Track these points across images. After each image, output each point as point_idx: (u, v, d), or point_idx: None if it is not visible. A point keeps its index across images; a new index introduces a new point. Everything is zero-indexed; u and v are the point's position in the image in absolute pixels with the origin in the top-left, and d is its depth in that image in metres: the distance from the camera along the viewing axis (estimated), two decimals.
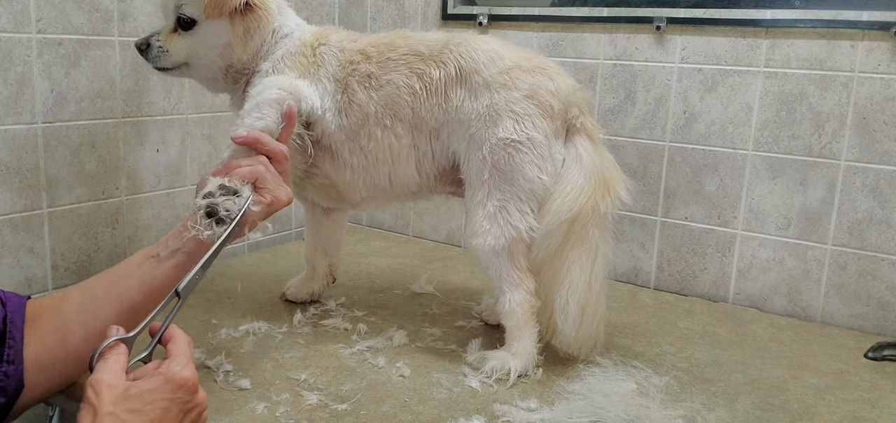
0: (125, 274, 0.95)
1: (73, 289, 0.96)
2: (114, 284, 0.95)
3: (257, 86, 1.13)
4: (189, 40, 1.15)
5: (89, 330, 0.92)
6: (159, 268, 0.95)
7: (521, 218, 1.08)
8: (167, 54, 1.15)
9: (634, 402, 1.00)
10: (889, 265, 1.37)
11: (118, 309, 0.93)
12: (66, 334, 0.91)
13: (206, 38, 1.15)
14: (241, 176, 0.99)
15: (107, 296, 0.94)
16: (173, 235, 0.97)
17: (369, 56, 1.15)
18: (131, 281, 0.94)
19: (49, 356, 0.91)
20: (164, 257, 0.95)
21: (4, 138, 1.24)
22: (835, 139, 1.38)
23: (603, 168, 1.11)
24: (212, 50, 1.16)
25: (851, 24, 1.33)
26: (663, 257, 1.58)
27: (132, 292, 0.94)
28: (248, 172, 1.00)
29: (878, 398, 1.10)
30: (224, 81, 1.20)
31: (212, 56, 1.16)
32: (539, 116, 1.08)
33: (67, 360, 0.92)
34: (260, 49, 1.18)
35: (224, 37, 1.15)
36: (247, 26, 1.15)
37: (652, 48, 1.52)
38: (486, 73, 1.09)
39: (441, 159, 1.16)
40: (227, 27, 1.14)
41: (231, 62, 1.17)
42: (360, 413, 0.98)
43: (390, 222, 1.97)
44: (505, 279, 1.10)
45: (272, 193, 1.01)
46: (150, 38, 1.16)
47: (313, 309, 1.34)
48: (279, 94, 1.09)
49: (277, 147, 1.06)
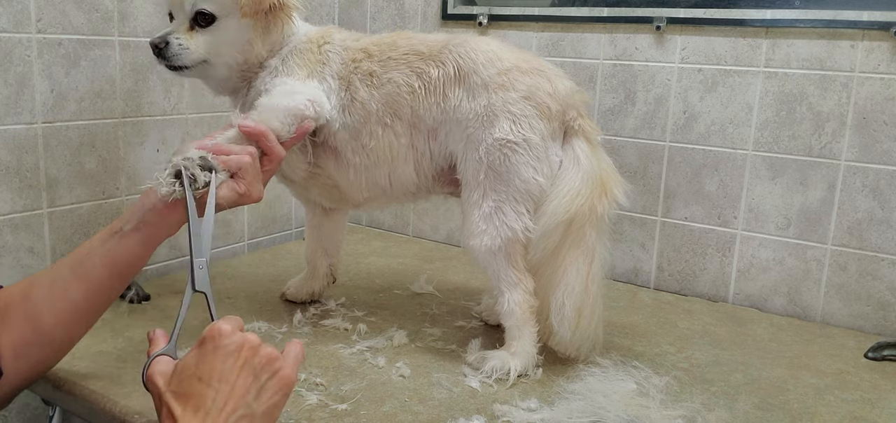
0: (90, 253, 0.95)
1: (41, 274, 0.96)
2: (79, 263, 0.95)
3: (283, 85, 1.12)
4: (209, 37, 1.13)
5: (59, 312, 0.93)
6: (123, 244, 0.95)
7: (517, 219, 1.08)
8: (188, 52, 1.11)
9: (634, 402, 1.00)
10: (889, 265, 1.37)
11: (86, 289, 0.94)
12: (37, 319, 0.92)
13: (229, 34, 1.13)
14: (225, 163, 0.99)
15: (73, 276, 0.94)
16: (135, 207, 0.97)
17: (371, 54, 1.15)
18: (96, 260, 0.94)
19: (23, 343, 0.91)
20: (127, 231, 0.95)
21: (4, 138, 1.24)
22: (835, 139, 1.38)
23: (600, 170, 1.11)
24: (233, 46, 1.14)
25: (851, 24, 1.33)
26: (663, 257, 1.58)
27: (98, 271, 0.94)
28: (234, 161, 0.99)
29: (878, 398, 1.10)
30: (238, 78, 1.19)
31: (232, 52, 1.15)
32: (536, 117, 1.08)
33: (42, 344, 0.93)
34: (274, 46, 1.18)
35: (247, 33, 1.14)
36: (268, 24, 1.16)
37: (652, 48, 1.52)
38: (484, 73, 1.09)
39: (439, 159, 1.16)
40: (250, 24, 1.13)
41: (249, 58, 1.17)
42: (360, 413, 0.98)
43: (390, 222, 1.97)
44: (503, 279, 1.10)
45: (249, 185, 1.00)
46: (168, 36, 1.11)
47: (313, 309, 1.34)
48: (307, 107, 1.09)
49: (278, 151, 1.06)
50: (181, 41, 1.11)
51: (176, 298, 1.37)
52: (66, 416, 1.12)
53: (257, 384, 0.75)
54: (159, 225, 0.96)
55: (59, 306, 0.93)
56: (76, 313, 0.95)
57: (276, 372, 0.77)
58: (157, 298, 1.37)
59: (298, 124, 1.08)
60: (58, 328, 0.94)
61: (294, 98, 1.09)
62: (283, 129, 1.07)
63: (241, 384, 0.74)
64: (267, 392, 0.75)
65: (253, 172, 1.01)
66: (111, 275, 0.95)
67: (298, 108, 1.08)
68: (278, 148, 1.06)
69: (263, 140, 1.04)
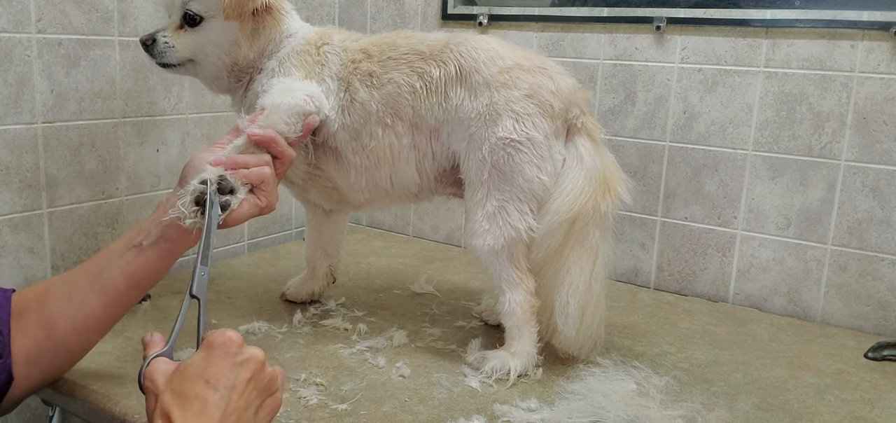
0: (108, 264, 0.94)
1: (56, 281, 0.95)
2: (98, 275, 0.94)
3: (280, 84, 1.12)
4: (196, 37, 1.14)
5: (75, 322, 0.92)
6: (142, 256, 0.94)
7: (521, 218, 1.08)
8: (173, 50, 1.14)
9: (634, 402, 1.00)
10: (889, 265, 1.37)
11: (104, 301, 0.94)
12: (52, 326, 0.92)
13: (214, 34, 1.14)
14: (245, 178, 0.99)
15: (91, 287, 0.93)
16: (154, 221, 0.96)
17: (371, 55, 1.15)
18: (115, 272, 0.94)
19: (37, 349, 0.91)
20: (147, 245, 0.95)
21: (4, 138, 1.24)
22: (835, 139, 1.38)
23: (604, 168, 1.11)
24: (219, 47, 1.15)
25: (851, 24, 1.33)
26: (663, 257, 1.58)
27: (116, 282, 0.94)
28: (255, 174, 0.99)
29: (878, 398, 1.10)
30: (228, 79, 1.19)
31: (218, 53, 1.16)
32: (539, 115, 1.08)
33: (56, 352, 0.93)
34: (266, 48, 1.18)
35: (232, 34, 1.14)
36: (256, 26, 1.15)
37: (652, 48, 1.52)
38: (485, 72, 1.09)
39: (441, 159, 1.16)
40: (235, 25, 1.14)
41: (237, 60, 1.17)
42: (360, 413, 0.98)
43: (390, 222, 1.97)
44: (504, 279, 1.10)
45: (268, 197, 1.01)
46: (155, 34, 1.14)
47: (313, 309, 1.34)
48: (306, 102, 1.09)
49: (289, 153, 1.05)
50: (168, 40, 1.14)
51: (176, 298, 1.37)
52: (66, 416, 1.12)
53: (258, 401, 0.75)
54: (180, 241, 0.96)
55: (76, 316, 0.92)
56: (94, 323, 0.94)
57: (273, 393, 0.78)
58: (157, 298, 1.37)
59: (303, 121, 1.08)
60: (73, 337, 0.93)
61: (294, 95, 1.09)
62: (290, 130, 1.06)
63: (247, 398, 0.73)
64: (263, 411, 0.76)
65: (272, 182, 1.01)
66: (129, 287, 0.95)
67: (300, 105, 1.08)
68: (289, 150, 1.05)
69: (274, 146, 1.03)
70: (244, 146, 1.04)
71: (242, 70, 1.19)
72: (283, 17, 1.18)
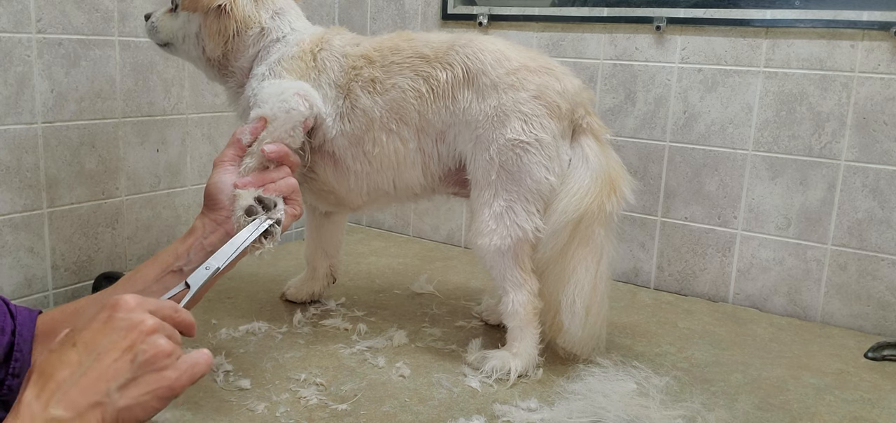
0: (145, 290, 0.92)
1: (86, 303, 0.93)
2: None
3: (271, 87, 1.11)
4: (173, 23, 1.20)
5: None
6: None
7: (528, 218, 1.08)
8: (156, 31, 1.23)
9: (634, 402, 1.00)
10: (889, 265, 1.37)
11: None
12: None
13: (184, 25, 1.19)
14: (278, 190, 1.00)
15: None
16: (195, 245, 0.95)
17: (372, 60, 1.14)
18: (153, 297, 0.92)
19: None
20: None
21: (4, 138, 1.24)
22: (835, 139, 1.38)
23: (609, 168, 1.11)
24: (187, 38, 1.20)
25: (851, 24, 1.33)
26: (663, 257, 1.58)
27: None
28: (285, 185, 1.01)
29: (878, 398, 1.10)
30: (208, 69, 1.22)
31: (187, 43, 1.20)
32: (547, 116, 1.08)
33: None
34: (246, 51, 1.18)
35: (195, 27, 1.18)
36: (220, 27, 1.16)
37: (652, 48, 1.52)
38: (493, 74, 1.09)
39: (447, 161, 1.16)
40: (199, 21, 1.17)
41: (209, 55, 1.19)
42: (360, 413, 0.98)
43: (390, 222, 1.97)
44: (509, 280, 1.10)
45: (300, 204, 1.02)
46: (152, 12, 1.23)
47: (313, 309, 1.34)
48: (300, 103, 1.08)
49: (296, 160, 1.08)
50: (155, 21, 1.23)
51: None
52: None
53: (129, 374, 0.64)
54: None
55: None
56: None
57: (161, 370, 0.65)
58: None
59: (302, 125, 1.09)
60: None
61: (288, 101, 1.08)
62: (294, 141, 1.07)
63: (112, 368, 0.63)
64: (138, 387, 0.64)
65: (298, 190, 1.03)
66: None
67: (297, 109, 1.08)
68: (296, 158, 1.08)
69: (286, 159, 1.05)
70: (258, 164, 1.03)
71: (223, 67, 1.20)
72: (249, 24, 1.16)
